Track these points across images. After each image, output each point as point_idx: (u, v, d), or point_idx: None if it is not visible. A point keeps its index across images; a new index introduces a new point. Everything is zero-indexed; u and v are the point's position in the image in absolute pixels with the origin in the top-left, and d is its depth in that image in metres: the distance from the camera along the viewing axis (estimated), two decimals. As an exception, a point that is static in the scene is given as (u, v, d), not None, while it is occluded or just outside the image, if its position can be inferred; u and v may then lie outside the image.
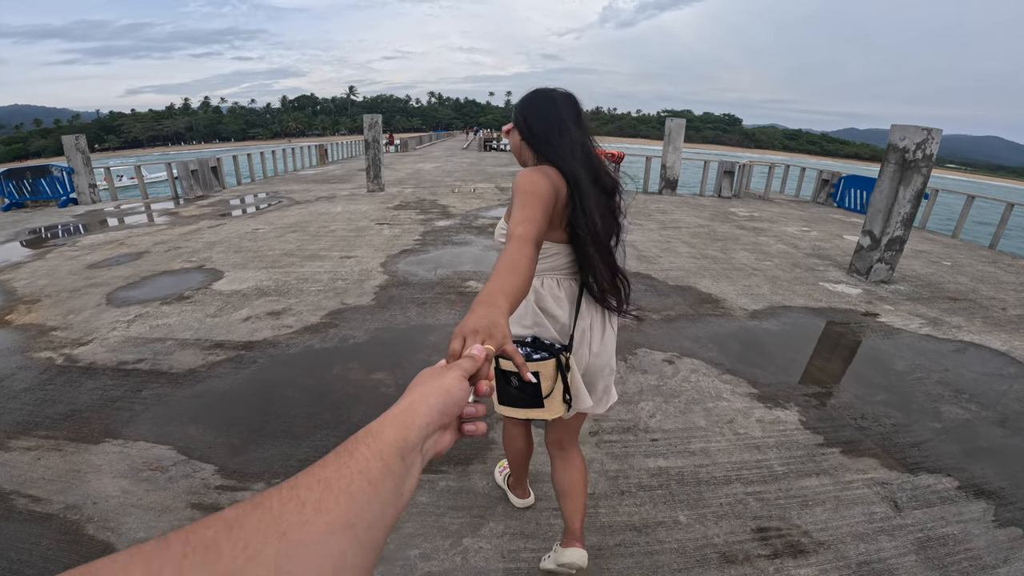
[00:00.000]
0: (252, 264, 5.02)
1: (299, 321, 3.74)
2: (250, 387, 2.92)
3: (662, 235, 6.49)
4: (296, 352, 3.32)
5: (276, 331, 3.60)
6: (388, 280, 4.51)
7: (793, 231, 7.52)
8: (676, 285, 4.67)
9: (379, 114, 9.29)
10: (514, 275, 0.82)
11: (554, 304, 1.32)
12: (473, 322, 0.63)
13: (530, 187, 1.10)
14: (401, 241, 5.79)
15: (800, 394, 2.98)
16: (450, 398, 0.49)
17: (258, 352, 3.32)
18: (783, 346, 3.66)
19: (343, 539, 0.32)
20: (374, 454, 0.39)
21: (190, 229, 6.76)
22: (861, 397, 2.97)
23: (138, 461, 2.27)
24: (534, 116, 1.29)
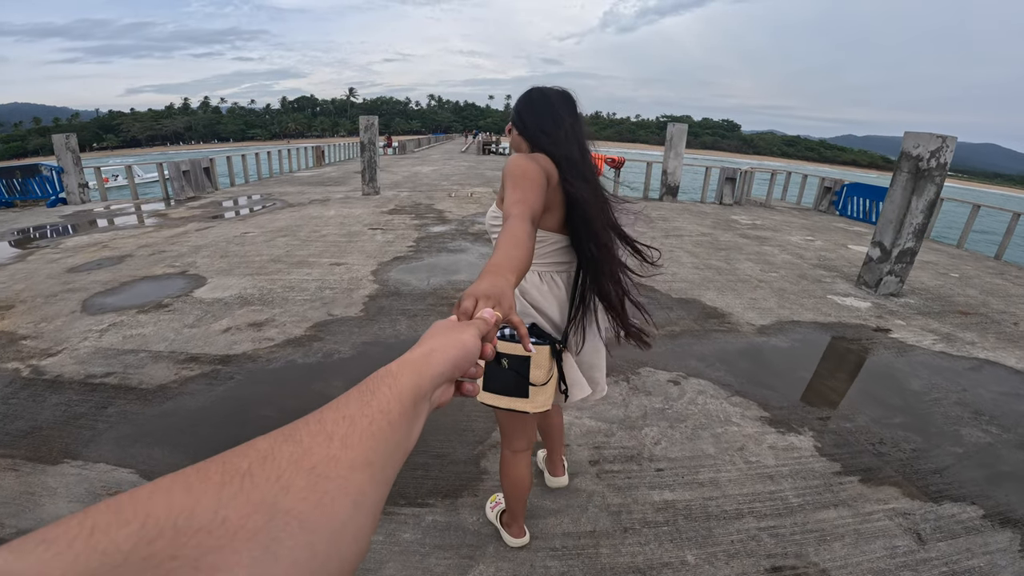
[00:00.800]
0: (237, 270, 4.80)
1: (282, 333, 3.54)
2: (224, 406, 2.72)
3: (664, 244, 6.29)
4: (276, 368, 3.12)
5: (256, 344, 3.39)
6: (378, 290, 4.30)
7: (797, 240, 7.35)
8: (680, 298, 4.47)
9: (375, 116, 9.10)
10: (518, 249, 0.83)
11: (540, 298, 1.33)
12: (484, 287, 0.65)
13: (519, 171, 1.11)
14: (394, 247, 5.59)
15: (814, 417, 2.80)
16: (466, 352, 0.49)
17: (235, 367, 3.11)
18: (794, 365, 3.47)
19: (363, 475, 0.33)
20: (394, 395, 0.39)
21: (177, 232, 6.55)
22: (878, 420, 2.81)
23: (96, 485, 2.11)
24: (529, 111, 1.31)
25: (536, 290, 1.34)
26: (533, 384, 1.26)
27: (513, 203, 1.02)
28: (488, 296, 0.63)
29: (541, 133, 1.28)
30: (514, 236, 0.88)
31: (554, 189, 1.22)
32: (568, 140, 1.27)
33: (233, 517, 0.26)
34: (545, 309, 1.33)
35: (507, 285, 0.69)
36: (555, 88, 1.34)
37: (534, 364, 1.25)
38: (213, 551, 0.25)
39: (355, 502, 0.32)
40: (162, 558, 0.24)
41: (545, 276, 1.35)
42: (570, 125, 1.29)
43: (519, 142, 1.36)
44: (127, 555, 0.23)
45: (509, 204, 1.02)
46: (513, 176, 1.11)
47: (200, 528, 0.25)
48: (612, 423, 2.70)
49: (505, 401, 1.29)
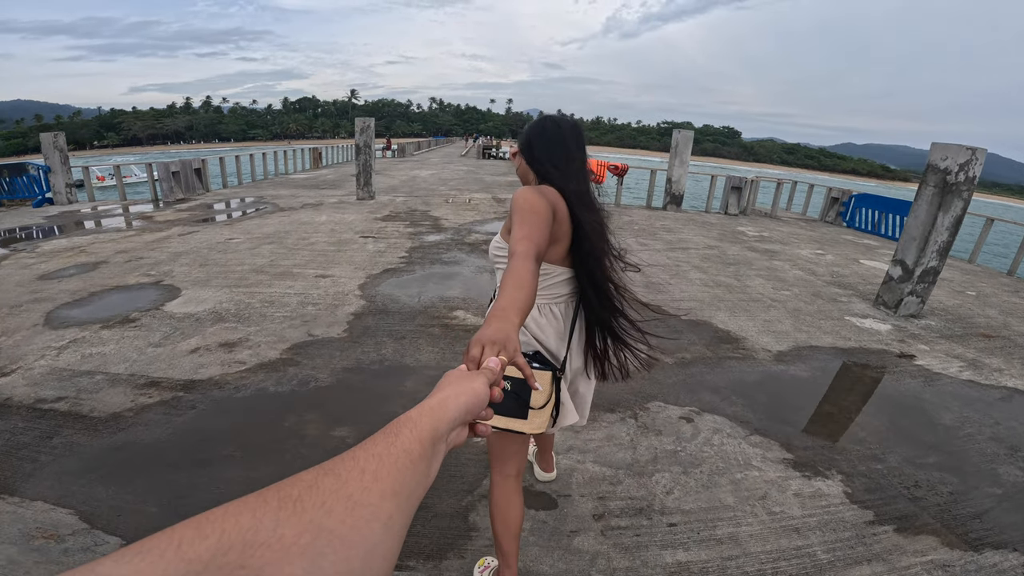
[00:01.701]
0: (215, 281, 4.49)
1: (255, 356, 3.22)
2: (182, 440, 2.42)
3: (670, 257, 5.99)
4: (245, 397, 2.80)
5: (225, 368, 3.08)
6: (365, 307, 3.99)
7: (807, 254, 7.06)
8: (690, 320, 4.17)
9: (372, 117, 8.81)
10: (522, 291, 0.87)
11: (538, 331, 1.34)
12: (490, 334, 0.70)
13: (528, 206, 1.13)
14: (385, 258, 5.27)
15: (843, 458, 2.54)
16: (477, 399, 0.54)
17: (199, 394, 2.80)
18: (816, 396, 3.19)
19: (391, 504, 0.38)
20: (415, 437, 0.44)
21: (159, 236, 6.24)
22: (911, 460, 2.58)
23: (32, 525, 1.91)
24: (541, 143, 1.33)
25: (535, 323, 1.35)
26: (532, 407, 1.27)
27: (519, 240, 1.03)
28: (494, 342, 0.68)
29: (552, 168, 1.31)
30: (518, 277, 0.90)
31: (560, 221, 1.23)
32: (578, 175, 1.31)
33: (288, 534, 0.32)
34: (543, 340, 1.35)
35: (512, 329, 0.73)
36: (567, 120, 1.37)
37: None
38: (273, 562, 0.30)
39: (385, 526, 0.37)
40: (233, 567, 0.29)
41: (544, 309, 1.36)
42: (580, 161, 1.33)
43: (526, 171, 1.37)
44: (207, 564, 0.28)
45: (515, 240, 1.03)
46: (521, 211, 1.12)
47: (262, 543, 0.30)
48: (619, 468, 2.41)
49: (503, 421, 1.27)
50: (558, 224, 1.22)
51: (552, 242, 1.23)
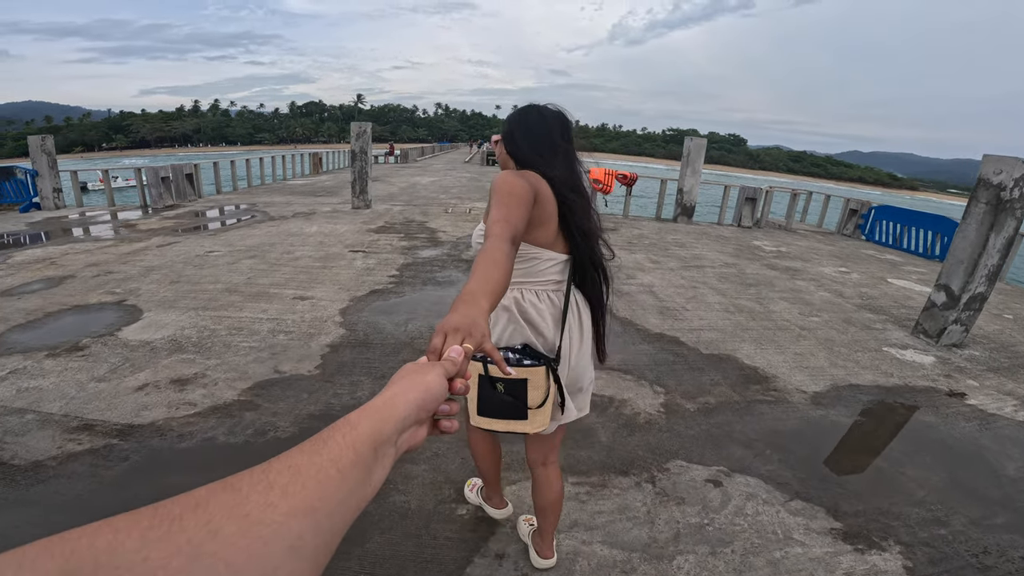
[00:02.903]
0: (182, 302, 4.05)
1: (209, 397, 2.77)
2: (104, 500, 2.04)
3: (685, 277, 5.51)
4: (188, 448, 2.37)
5: (172, 411, 2.64)
6: (344, 336, 3.52)
7: (831, 272, 6.57)
8: (711, 354, 3.69)
9: (368, 122, 8.41)
10: (494, 272, 0.84)
11: (537, 317, 1.31)
12: (455, 320, 0.65)
13: (507, 187, 1.11)
14: (373, 277, 4.81)
15: (900, 524, 2.18)
16: (430, 395, 0.50)
17: (135, 443, 2.39)
18: (863, 447, 2.78)
19: (303, 523, 0.34)
20: (348, 443, 0.40)
21: (137, 247, 5.83)
22: (977, 521, 2.25)
23: None
24: (524, 133, 1.31)
25: (534, 309, 1.31)
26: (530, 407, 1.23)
27: (495, 221, 1.01)
28: (458, 329, 0.63)
29: (536, 157, 1.29)
30: (491, 258, 0.87)
31: (543, 203, 1.21)
32: (563, 164, 1.29)
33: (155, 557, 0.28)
34: (541, 328, 1.31)
35: (480, 314, 0.69)
36: (551, 108, 1.35)
37: (532, 386, 1.23)
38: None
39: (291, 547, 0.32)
40: None
41: (543, 295, 1.33)
42: (564, 151, 1.31)
43: (507, 160, 1.35)
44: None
45: (491, 222, 1.02)
46: (500, 192, 1.10)
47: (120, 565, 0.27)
48: (633, 551, 1.98)
49: (502, 424, 1.26)
50: (541, 206, 1.20)
51: (537, 224, 1.22)
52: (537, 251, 1.28)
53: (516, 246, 1.00)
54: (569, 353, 1.34)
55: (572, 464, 2.44)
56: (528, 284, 1.31)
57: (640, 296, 4.68)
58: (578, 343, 1.37)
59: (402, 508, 2.10)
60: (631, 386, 3.17)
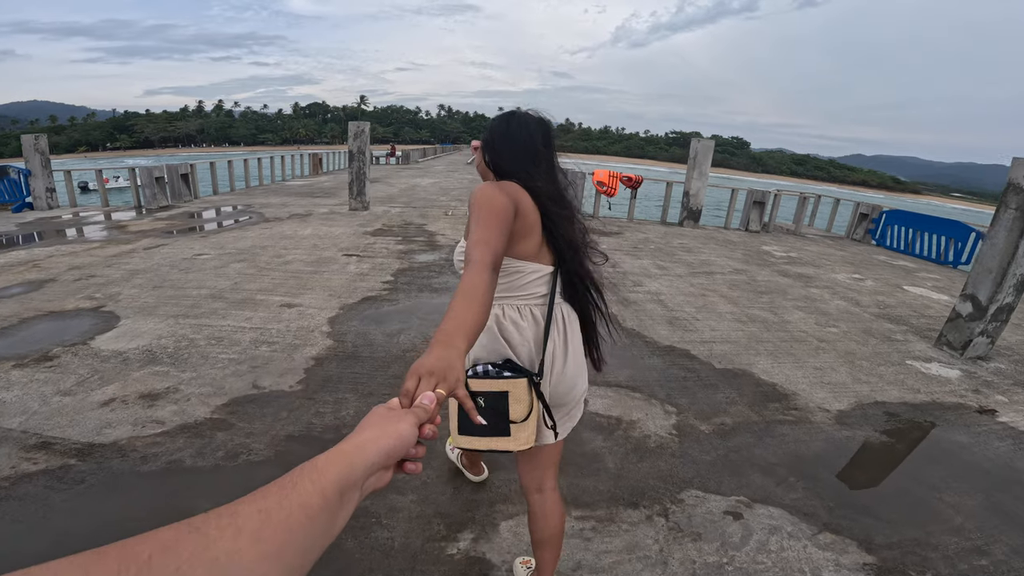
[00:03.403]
0: (163, 308, 3.82)
1: (179, 414, 2.55)
2: (54, 529, 1.84)
3: (694, 285, 5.25)
4: (151, 472, 2.16)
5: (138, 429, 2.42)
6: (331, 348, 3.28)
7: (844, 279, 6.32)
8: (725, 369, 3.44)
9: (367, 122, 8.19)
10: (472, 309, 0.82)
11: (517, 336, 1.25)
12: (429, 364, 0.64)
13: (486, 203, 1.06)
14: (366, 283, 4.57)
15: (938, 555, 1.98)
16: (402, 443, 0.50)
17: (95, 464, 2.18)
18: (894, 471, 2.56)
19: (272, 567, 0.34)
20: (316, 489, 0.40)
21: (124, 249, 5.61)
22: (1019, 550, 2.07)
23: None
24: (506, 142, 1.26)
25: (514, 327, 1.24)
26: (514, 421, 1.17)
27: (474, 245, 0.98)
28: (432, 373, 0.63)
29: (517, 167, 1.23)
30: (469, 293, 0.85)
31: (524, 214, 1.16)
32: (546, 175, 1.24)
33: None
34: (518, 345, 1.24)
35: (456, 356, 0.68)
36: (533, 115, 1.29)
37: (513, 399, 1.17)
38: None
39: None
40: None
41: (525, 311, 1.26)
42: (546, 159, 1.27)
43: (486, 169, 1.31)
44: None
45: (471, 245, 0.98)
46: (479, 209, 1.05)
47: None
48: None
49: (484, 443, 1.20)
50: (522, 218, 1.15)
51: (519, 237, 1.18)
52: (520, 264, 1.22)
53: (497, 270, 0.98)
54: (552, 368, 1.27)
55: (576, 495, 2.20)
56: (511, 299, 1.25)
57: (648, 305, 4.43)
58: (562, 359, 1.30)
59: (385, 545, 1.86)
60: (640, 405, 2.93)
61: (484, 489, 2.19)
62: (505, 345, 1.24)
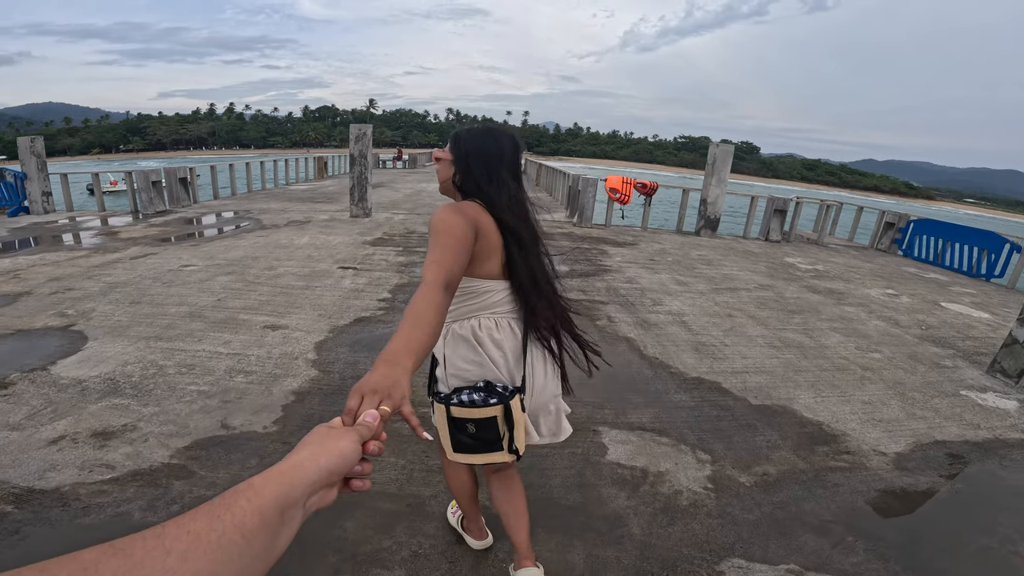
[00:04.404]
0: (136, 328, 3.47)
1: (133, 457, 2.20)
2: None
3: (718, 303, 4.82)
4: (93, 524, 1.86)
5: (85, 474, 2.10)
6: (315, 380, 2.90)
7: (878, 295, 5.86)
8: (762, 405, 3.03)
9: (369, 124, 7.85)
10: (420, 328, 0.82)
11: (493, 346, 1.26)
12: (374, 382, 0.64)
13: (443, 227, 1.06)
14: (360, 301, 4.17)
15: None
16: (343, 461, 0.49)
17: (32, 513, 1.87)
18: (966, 523, 2.23)
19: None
20: (253, 508, 0.38)
21: (109, 259, 5.29)
22: None
23: None
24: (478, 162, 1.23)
25: (491, 340, 1.25)
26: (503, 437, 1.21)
27: (428, 264, 0.99)
28: (376, 391, 0.62)
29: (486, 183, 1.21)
30: (418, 312, 0.85)
31: (485, 236, 1.16)
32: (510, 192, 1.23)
33: None
34: (498, 363, 1.26)
35: (402, 374, 0.68)
36: (507, 134, 1.29)
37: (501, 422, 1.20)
38: None
39: None
40: None
41: (502, 322, 1.27)
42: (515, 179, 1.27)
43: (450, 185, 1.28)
44: None
45: (426, 266, 0.99)
46: (436, 233, 1.05)
47: None
48: None
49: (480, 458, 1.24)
50: (484, 239, 1.15)
51: (483, 259, 1.18)
52: (490, 284, 1.24)
53: (451, 291, 0.98)
54: (533, 382, 1.31)
55: (595, 570, 1.81)
56: (487, 312, 1.26)
57: (670, 328, 4.01)
58: (542, 372, 1.33)
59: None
60: (668, 453, 2.52)
61: (486, 561, 1.80)
62: (488, 362, 1.25)
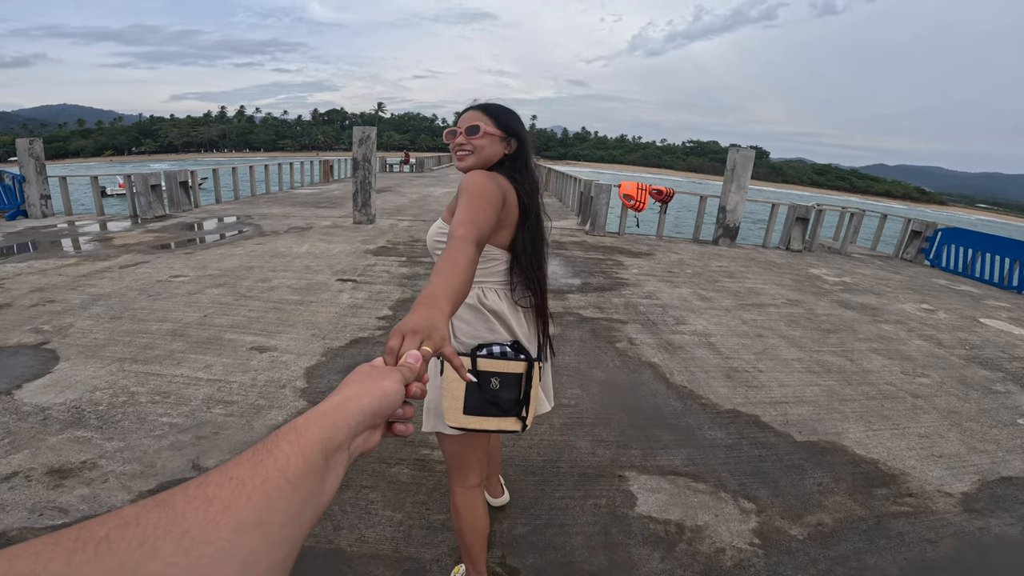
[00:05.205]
0: (111, 348, 3.17)
1: (89, 500, 1.92)
2: None
3: (746, 322, 4.44)
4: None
5: (34, 517, 1.84)
6: (303, 411, 2.57)
7: (913, 311, 5.47)
8: (808, 442, 2.67)
9: (373, 127, 7.56)
10: (456, 275, 0.81)
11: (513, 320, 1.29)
12: (414, 322, 0.63)
13: (479, 189, 1.10)
14: (358, 319, 3.83)
15: None
16: (387, 401, 0.47)
17: None
18: None
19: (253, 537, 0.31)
20: (296, 452, 0.37)
21: (98, 268, 5.03)
22: None
23: None
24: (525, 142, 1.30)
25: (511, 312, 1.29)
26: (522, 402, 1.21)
27: (461, 222, 0.99)
28: (416, 331, 0.61)
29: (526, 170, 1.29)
30: (454, 261, 0.85)
31: (509, 208, 1.21)
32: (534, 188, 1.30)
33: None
34: (517, 328, 1.29)
35: (440, 316, 0.67)
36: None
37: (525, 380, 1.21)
38: None
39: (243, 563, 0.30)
40: None
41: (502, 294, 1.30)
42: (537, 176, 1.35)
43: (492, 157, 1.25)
44: None
45: (457, 223, 1.00)
46: (471, 194, 1.09)
47: None
48: None
49: (494, 422, 1.20)
50: (507, 211, 1.20)
51: (501, 227, 1.21)
52: (498, 252, 1.27)
53: (480, 249, 0.99)
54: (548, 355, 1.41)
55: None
56: (489, 283, 1.28)
57: (697, 351, 3.64)
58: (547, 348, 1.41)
59: None
60: (706, 502, 2.17)
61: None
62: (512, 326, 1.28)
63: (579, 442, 2.48)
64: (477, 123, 1.23)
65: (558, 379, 3.04)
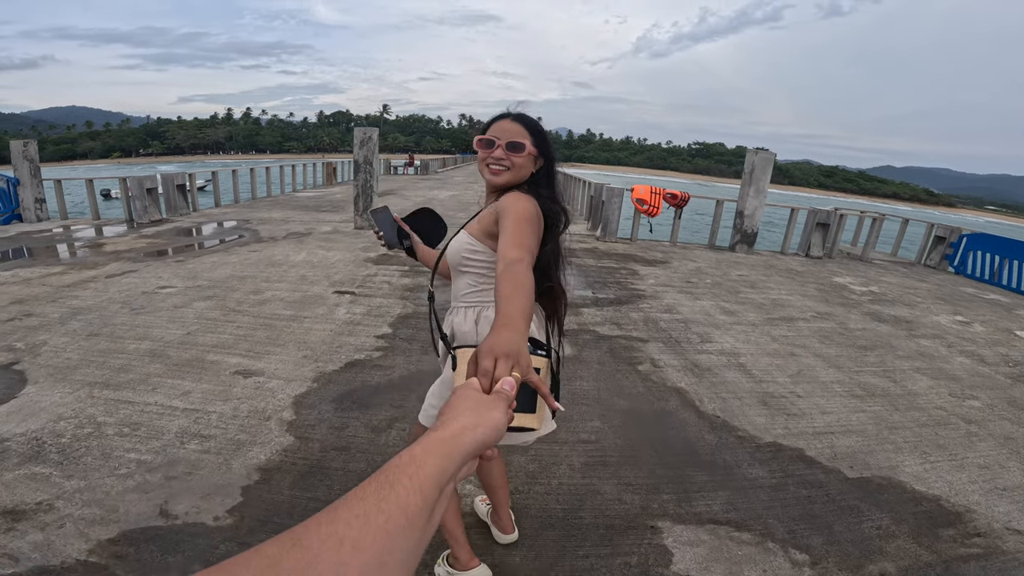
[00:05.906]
0: (83, 370, 2.89)
1: (42, 548, 1.64)
2: None
3: (776, 338, 4.07)
4: None
5: None
6: (288, 451, 2.26)
7: (948, 324, 5.12)
8: (861, 478, 2.35)
9: (375, 128, 7.29)
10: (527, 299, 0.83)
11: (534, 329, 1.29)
12: (503, 346, 0.61)
13: (527, 215, 1.11)
14: (355, 338, 3.50)
15: None
16: (497, 435, 0.47)
17: None
18: None
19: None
20: (415, 487, 0.36)
21: (84, 277, 4.76)
22: None
23: None
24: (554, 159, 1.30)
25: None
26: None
27: (515, 245, 1.01)
28: (508, 355, 0.59)
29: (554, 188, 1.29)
30: (520, 284, 0.86)
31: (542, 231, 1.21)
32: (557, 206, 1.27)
33: None
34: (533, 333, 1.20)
35: (523, 341, 0.66)
36: None
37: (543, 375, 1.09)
38: None
39: None
40: None
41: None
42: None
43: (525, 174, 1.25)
44: None
45: (510, 246, 1.01)
46: (520, 218, 1.09)
47: None
48: None
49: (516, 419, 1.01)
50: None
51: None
52: None
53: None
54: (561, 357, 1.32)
55: None
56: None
57: (726, 373, 3.31)
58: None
59: None
60: (753, 555, 1.86)
61: None
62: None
63: (603, 486, 2.17)
64: (522, 141, 1.21)
65: (576, 408, 2.73)
